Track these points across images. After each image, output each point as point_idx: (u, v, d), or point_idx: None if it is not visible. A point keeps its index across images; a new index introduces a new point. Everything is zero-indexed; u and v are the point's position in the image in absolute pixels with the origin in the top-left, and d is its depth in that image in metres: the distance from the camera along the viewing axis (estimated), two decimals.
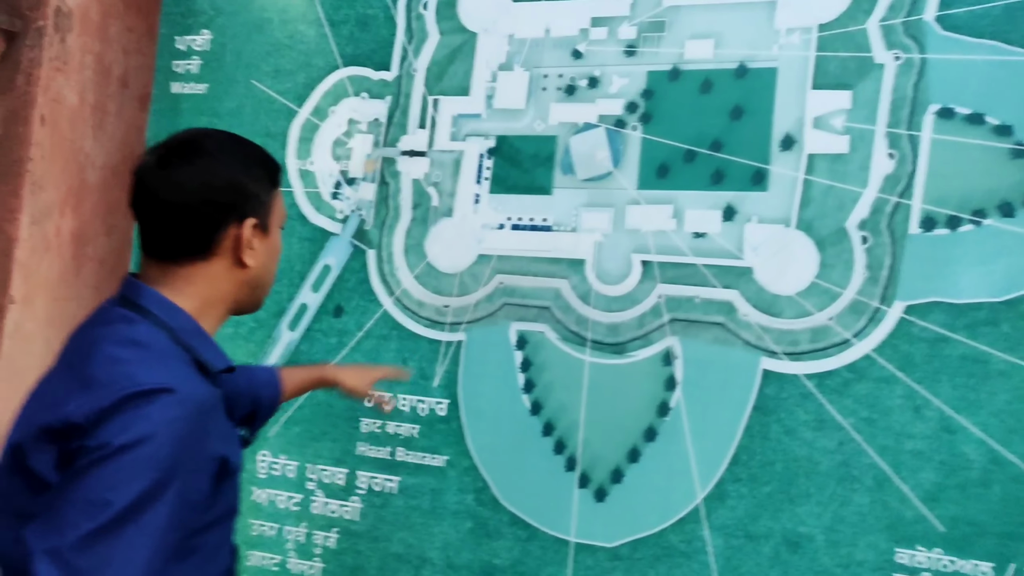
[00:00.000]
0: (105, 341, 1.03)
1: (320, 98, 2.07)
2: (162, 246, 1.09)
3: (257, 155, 1.15)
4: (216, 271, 1.10)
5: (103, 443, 0.92)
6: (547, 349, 1.82)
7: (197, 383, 1.02)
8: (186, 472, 0.96)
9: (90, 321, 1.11)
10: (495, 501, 1.81)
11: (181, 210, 1.07)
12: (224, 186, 1.08)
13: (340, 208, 2.02)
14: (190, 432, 0.97)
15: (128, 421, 0.94)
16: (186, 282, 1.09)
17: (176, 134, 1.14)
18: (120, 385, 0.96)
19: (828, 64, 1.68)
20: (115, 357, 1.00)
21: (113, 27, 2.31)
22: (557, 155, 1.86)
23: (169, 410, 0.96)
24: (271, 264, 1.17)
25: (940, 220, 1.58)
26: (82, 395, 0.96)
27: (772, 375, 1.66)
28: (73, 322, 2.21)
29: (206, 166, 1.08)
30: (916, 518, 1.53)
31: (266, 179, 1.14)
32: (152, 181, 1.08)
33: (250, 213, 1.10)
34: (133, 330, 1.04)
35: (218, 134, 1.16)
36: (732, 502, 1.65)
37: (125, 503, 0.91)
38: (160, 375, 0.98)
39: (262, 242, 1.12)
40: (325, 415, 1.96)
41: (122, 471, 0.92)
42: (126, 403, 0.95)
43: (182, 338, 1.06)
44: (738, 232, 1.71)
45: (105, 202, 2.31)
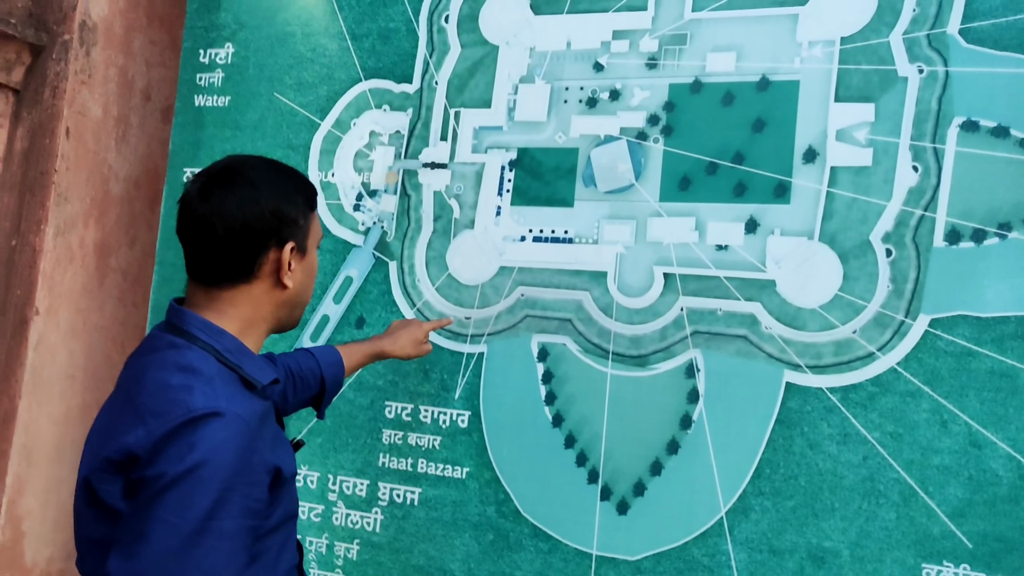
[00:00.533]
0: (154, 368, 1.09)
1: (342, 110, 2.08)
2: (206, 271, 1.16)
3: (296, 181, 1.21)
4: (257, 293, 1.17)
5: (162, 472, 1.00)
6: (569, 361, 1.82)
7: (244, 402, 1.08)
8: (244, 486, 1.03)
9: (141, 349, 1.17)
10: (517, 513, 1.81)
11: (224, 237, 1.13)
12: (265, 214, 1.14)
13: (362, 220, 2.03)
14: (241, 450, 1.03)
15: (183, 449, 1.00)
16: (229, 304, 1.15)
17: (218, 162, 1.19)
18: (172, 414, 1.02)
19: (851, 77, 1.68)
20: (165, 384, 1.07)
21: (137, 40, 2.34)
22: (578, 167, 1.87)
23: (219, 433, 1.02)
24: (308, 282, 1.24)
25: (965, 233, 1.57)
26: (139, 426, 1.03)
27: (795, 388, 1.65)
28: (96, 333, 2.25)
29: (247, 195, 1.13)
30: (943, 534, 1.52)
31: (304, 204, 1.20)
32: (196, 210, 1.14)
33: (289, 237, 1.17)
34: (181, 355, 1.10)
35: (258, 162, 1.20)
36: (756, 516, 1.64)
37: (193, 524, 0.98)
38: (208, 399, 1.04)
39: (300, 263, 1.19)
40: (347, 426, 1.96)
41: (185, 495, 0.99)
42: (179, 431, 1.01)
43: (228, 359, 1.12)
44: (761, 245, 1.71)
45: (128, 213, 2.34)
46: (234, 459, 1.02)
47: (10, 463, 2.06)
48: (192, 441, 1.01)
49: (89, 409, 2.24)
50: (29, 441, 2.10)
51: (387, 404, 1.94)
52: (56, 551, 2.19)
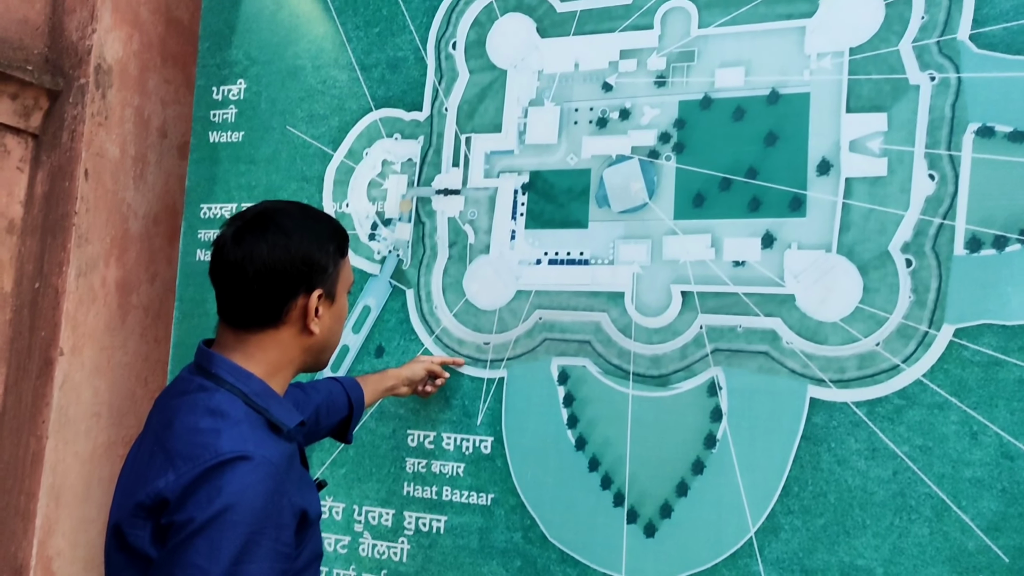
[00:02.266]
0: (184, 411, 1.11)
1: (354, 141, 2.10)
2: (236, 314, 1.17)
3: (327, 228, 1.22)
4: (285, 338, 1.18)
5: (190, 518, 1.01)
6: (590, 383, 1.81)
7: (271, 445, 1.09)
8: (272, 529, 1.04)
9: (171, 391, 1.18)
10: (543, 538, 1.79)
11: (253, 282, 1.14)
12: (295, 261, 1.15)
13: (377, 249, 2.04)
14: (269, 493, 1.04)
15: (211, 493, 1.01)
16: (257, 348, 1.17)
17: (253, 206, 1.21)
18: (201, 459, 1.04)
19: (861, 87, 1.67)
20: (195, 428, 1.08)
21: (151, 80, 2.37)
22: (591, 188, 1.86)
23: (247, 476, 1.03)
24: (336, 327, 1.25)
25: (986, 240, 1.55)
26: (169, 471, 1.04)
27: (820, 403, 1.63)
28: (120, 370, 2.27)
29: (278, 241, 1.15)
30: (979, 548, 1.49)
31: (335, 251, 1.21)
32: (227, 254, 1.16)
33: (317, 284, 1.18)
34: (210, 398, 1.11)
35: (292, 208, 1.21)
36: (786, 535, 1.62)
37: (223, 568, 0.99)
38: (236, 443, 1.05)
39: (328, 309, 1.21)
40: (370, 456, 1.96)
41: (214, 540, 0.99)
42: (207, 475, 1.02)
43: (255, 402, 1.13)
44: (778, 259, 1.70)
45: (148, 250, 2.36)
46: (262, 503, 1.03)
47: (39, 504, 2.08)
48: (220, 485, 1.02)
49: (115, 446, 2.26)
50: (57, 481, 2.12)
51: (409, 432, 1.94)
52: None
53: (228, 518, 1.00)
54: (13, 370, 2.15)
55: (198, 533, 1.00)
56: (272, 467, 1.06)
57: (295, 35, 2.19)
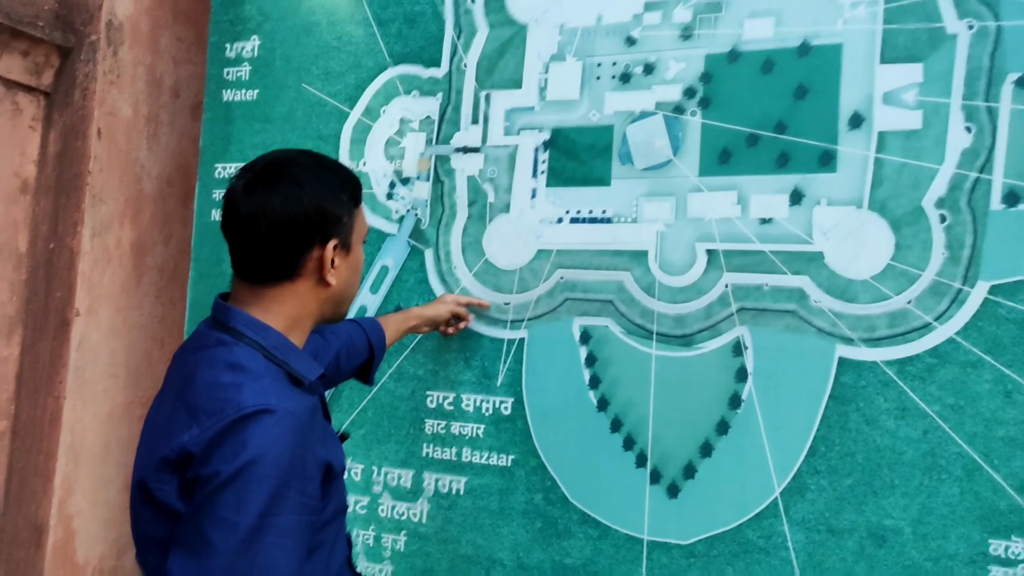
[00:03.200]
0: (205, 366, 1.09)
1: (371, 98, 2.06)
2: (250, 268, 1.15)
3: (341, 178, 1.19)
4: (302, 290, 1.16)
5: (216, 471, 1.00)
6: (612, 343, 1.78)
7: (293, 398, 1.08)
8: (298, 481, 1.03)
9: (189, 346, 1.17)
10: (564, 500, 1.78)
11: (266, 235, 1.12)
12: (308, 212, 1.12)
13: (396, 208, 2.01)
14: (294, 446, 1.03)
15: (237, 447, 1.00)
16: (274, 301, 1.15)
17: (262, 157, 1.18)
18: (224, 413, 1.02)
19: (897, 37, 1.62)
20: (216, 382, 1.06)
21: (163, 38, 2.33)
22: (614, 145, 1.82)
23: (271, 429, 1.02)
24: (353, 278, 1.22)
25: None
26: (193, 425, 1.03)
27: (849, 362, 1.60)
28: (136, 331, 2.26)
29: (291, 193, 1.12)
30: (1011, 508, 1.46)
31: (349, 200, 1.18)
32: (240, 207, 1.13)
33: (332, 235, 1.15)
34: (229, 352, 1.09)
35: (303, 157, 1.18)
36: (812, 495, 1.60)
37: (252, 521, 0.98)
38: (259, 396, 1.04)
39: (344, 260, 1.18)
40: (390, 417, 1.95)
41: (241, 493, 0.99)
42: (231, 429, 1.01)
43: (275, 355, 1.12)
44: (807, 216, 1.66)
45: (162, 211, 2.34)
46: (288, 455, 1.02)
47: (58, 464, 2.07)
48: (245, 438, 1.01)
49: (132, 407, 2.26)
50: (76, 441, 2.11)
51: (428, 394, 1.92)
52: (107, 549, 2.20)
53: (254, 471, 0.99)
54: (29, 331, 2.14)
55: (225, 486, 0.99)
56: (295, 420, 1.04)
57: None
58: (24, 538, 2.08)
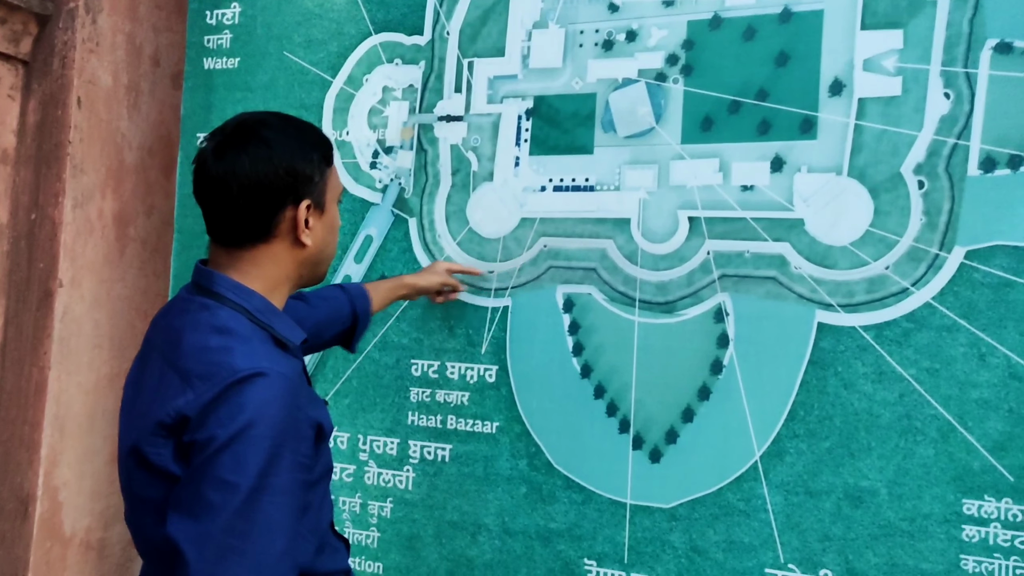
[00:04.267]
0: (190, 330, 1.10)
1: (353, 67, 2.04)
2: (225, 232, 1.15)
3: (310, 137, 1.18)
4: (277, 252, 1.16)
5: (213, 435, 1.01)
6: (595, 311, 1.79)
7: (282, 361, 1.09)
8: (292, 441, 1.05)
9: (171, 310, 1.17)
10: (549, 465, 1.80)
11: (238, 198, 1.12)
12: (278, 173, 1.12)
13: (379, 177, 2.00)
14: (288, 407, 1.05)
15: (233, 410, 1.02)
16: (251, 264, 1.15)
17: (231, 120, 1.17)
18: (218, 377, 1.04)
19: (877, 3, 1.62)
20: (204, 346, 1.07)
21: (142, 5, 2.30)
22: (597, 113, 1.82)
23: (265, 392, 1.03)
24: (330, 238, 1.22)
25: (1001, 160, 1.52)
26: (187, 390, 1.04)
27: (828, 328, 1.62)
28: (119, 303, 2.25)
29: (260, 154, 1.12)
30: (984, 468, 1.49)
31: (320, 160, 1.18)
32: (210, 170, 1.13)
33: (305, 195, 1.15)
34: (214, 316, 1.10)
35: (272, 118, 1.18)
36: (791, 458, 1.62)
37: (251, 481, 1.00)
38: (249, 359, 1.05)
39: (319, 220, 1.18)
40: (375, 386, 1.96)
41: (239, 455, 1.00)
42: (226, 393, 1.03)
43: (259, 318, 1.13)
44: (787, 183, 1.67)
45: (144, 182, 2.32)
46: (282, 416, 1.04)
47: (44, 435, 2.08)
48: (240, 402, 1.02)
49: (117, 378, 2.25)
50: (61, 412, 2.11)
51: (413, 362, 1.93)
52: (94, 520, 2.22)
53: (251, 432, 1.01)
54: (13, 302, 2.13)
55: (223, 449, 1.00)
56: (287, 381, 1.06)
57: None
58: (10, 510, 2.09)
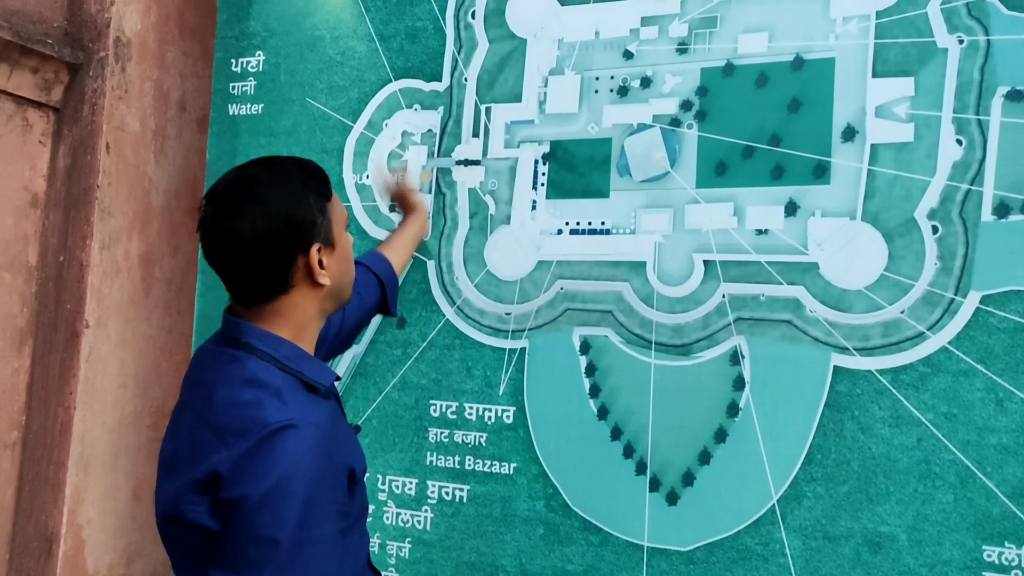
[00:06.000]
0: (222, 385, 1.10)
1: (373, 112, 2.09)
2: (243, 292, 1.16)
3: (304, 181, 1.16)
4: (298, 299, 1.17)
5: (250, 492, 1.01)
6: (611, 353, 1.81)
7: (313, 409, 1.10)
8: (329, 490, 1.06)
9: (201, 364, 1.18)
10: (566, 507, 1.81)
11: (247, 260, 1.12)
12: (279, 227, 1.11)
13: (398, 220, 2.04)
14: (320, 457, 1.06)
15: (267, 466, 1.02)
16: (276, 315, 1.16)
17: (223, 178, 1.16)
18: (251, 432, 1.04)
19: (888, 51, 1.64)
20: (237, 400, 1.08)
21: (170, 53, 2.37)
22: (613, 157, 1.85)
23: (298, 444, 1.04)
24: (346, 267, 1.22)
25: (1015, 206, 1.53)
26: (221, 447, 1.05)
27: (844, 371, 1.63)
28: (145, 342, 2.29)
29: (257, 213, 1.11)
30: (1004, 514, 1.48)
31: (317, 200, 1.17)
32: (213, 236, 1.13)
33: (312, 239, 1.15)
34: (243, 368, 1.11)
35: (260, 172, 1.15)
36: (808, 502, 1.62)
37: (291, 536, 1.01)
38: (281, 412, 1.06)
39: (331, 255, 1.18)
40: (393, 426, 1.98)
41: (277, 511, 1.01)
42: (259, 448, 1.03)
43: (288, 365, 1.13)
44: (802, 227, 1.68)
45: (170, 224, 2.37)
46: (316, 467, 1.04)
47: (68, 474, 2.11)
48: (274, 457, 1.02)
49: (141, 416, 2.29)
50: (86, 451, 2.15)
51: (432, 403, 1.95)
52: (116, 557, 2.24)
53: (287, 487, 1.01)
54: (40, 343, 2.18)
55: (261, 506, 1.01)
56: (319, 431, 1.06)
57: (313, 6, 2.18)
58: (34, 548, 2.12)
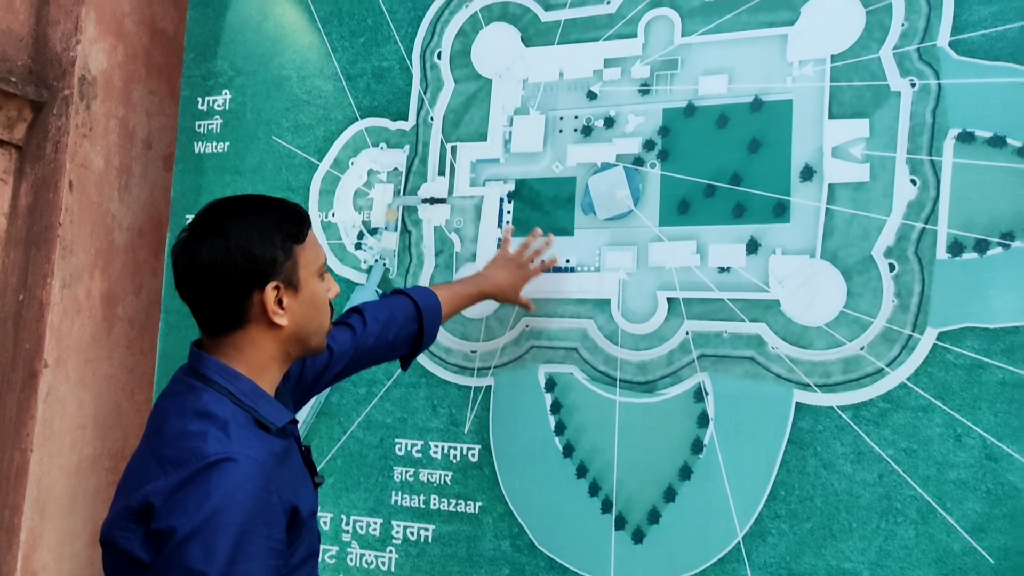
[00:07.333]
0: (174, 415, 1.11)
1: (340, 150, 2.10)
2: (203, 321, 1.17)
3: (272, 219, 1.17)
4: (255, 336, 1.17)
5: (181, 524, 1.01)
6: (577, 390, 1.81)
7: (257, 444, 1.10)
8: (263, 526, 1.05)
9: (165, 393, 1.19)
10: (532, 546, 1.79)
11: (202, 288, 1.14)
12: (236, 260, 1.13)
13: (364, 258, 2.04)
14: (257, 491, 1.05)
15: (200, 497, 1.02)
16: (234, 349, 1.17)
17: (203, 209, 1.20)
18: (188, 463, 1.04)
19: (843, 94, 1.68)
20: (183, 431, 1.08)
21: (136, 91, 2.36)
22: (577, 196, 1.87)
23: (233, 477, 1.03)
24: (312, 313, 1.21)
25: (968, 244, 1.56)
26: (159, 476, 1.05)
27: (806, 408, 1.64)
28: (105, 382, 2.26)
29: (218, 244, 1.13)
30: (964, 550, 1.49)
31: (284, 240, 1.17)
32: (178, 263, 1.16)
33: (271, 277, 1.15)
34: (198, 399, 1.12)
35: (236, 206, 1.18)
36: (773, 539, 1.62)
37: (220, 570, 0.99)
38: (221, 444, 1.06)
39: (294, 298, 1.18)
40: (358, 465, 1.96)
41: (208, 544, 1.00)
42: (193, 479, 1.03)
43: (243, 401, 1.13)
44: (763, 265, 1.71)
45: (133, 262, 2.35)
46: (250, 501, 1.04)
47: (23, 518, 2.06)
48: (207, 489, 1.02)
49: (100, 459, 2.25)
50: (42, 494, 2.10)
51: (397, 441, 1.93)
52: None
53: (219, 519, 1.01)
54: None
55: (191, 538, 1.00)
56: (257, 465, 1.06)
57: (280, 46, 2.19)
58: None
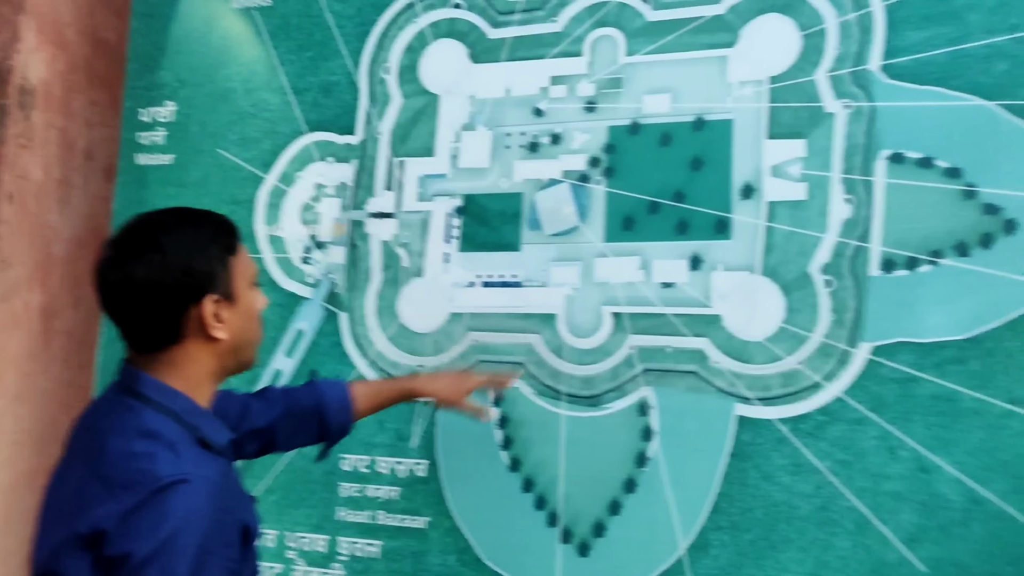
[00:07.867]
0: (115, 435, 1.07)
1: (286, 164, 2.08)
2: (136, 339, 1.13)
3: (207, 232, 1.16)
4: (192, 351, 1.14)
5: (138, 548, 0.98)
6: (523, 405, 1.82)
7: (208, 464, 1.08)
8: (220, 547, 1.03)
9: (95, 411, 1.15)
10: (478, 561, 1.79)
11: (138, 306, 1.10)
12: (175, 276, 1.10)
13: (310, 272, 2.02)
14: (214, 511, 1.03)
15: (156, 520, 0.99)
16: (170, 366, 1.13)
17: (127, 223, 1.15)
18: (141, 485, 1.01)
19: (781, 114, 1.73)
20: (128, 452, 1.05)
21: (76, 102, 2.32)
22: (523, 212, 1.89)
23: (190, 499, 1.01)
24: (248, 324, 1.19)
25: (900, 262, 1.61)
26: (108, 500, 1.02)
27: (747, 420, 1.67)
28: (42, 396, 2.20)
29: (155, 260, 1.10)
30: (898, 560, 1.54)
31: (220, 252, 1.15)
32: (108, 281, 1.11)
33: (208, 290, 1.13)
34: (139, 419, 1.08)
35: (167, 218, 1.15)
36: (715, 551, 1.65)
37: None
38: (174, 465, 1.03)
39: (231, 310, 1.16)
40: (302, 481, 1.94)
41: (165, 567, 0.98)
42: (148, 502, 1.00)
43: (185, 419, 1.11)
44: (705, 280, 1.74)
45: (72, 275, 2.30)
46: (207, 523, 1.02)
47: None
48: (164, 511, 1.00)
49: (36, 476, 2.18)
50: None
51: (343, 457, 1.92)
52: None
53: (177, 543, 0.99)
54: None
55: (149, 563, 0.98)
56: (212, 486, 1.04)
57: (226, 58, 2.17)
58: None
